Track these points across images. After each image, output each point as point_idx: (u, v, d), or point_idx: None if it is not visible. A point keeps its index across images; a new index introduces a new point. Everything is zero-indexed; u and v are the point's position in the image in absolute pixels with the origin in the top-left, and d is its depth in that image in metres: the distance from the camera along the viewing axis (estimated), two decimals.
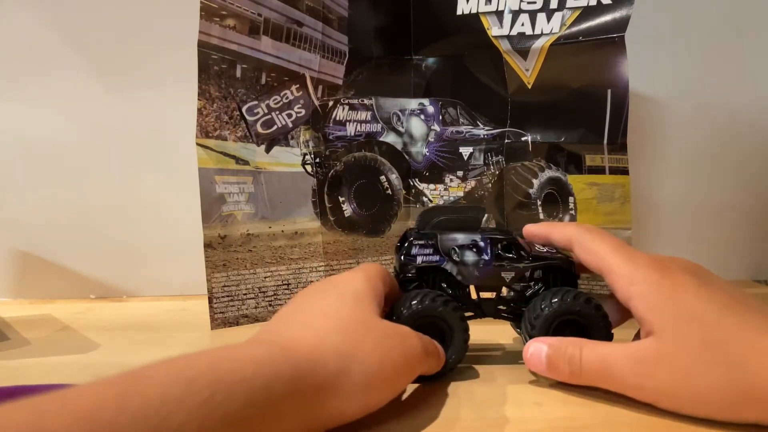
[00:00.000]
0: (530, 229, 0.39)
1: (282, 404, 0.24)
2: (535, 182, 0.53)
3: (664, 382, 0.29)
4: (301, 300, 0.33)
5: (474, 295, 0.39)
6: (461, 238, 0.38)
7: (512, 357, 0.40)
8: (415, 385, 0.35)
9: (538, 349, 0.33)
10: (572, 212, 0.52)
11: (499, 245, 0.38)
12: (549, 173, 0.53)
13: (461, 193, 0.56)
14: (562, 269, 0.38)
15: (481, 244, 0.37)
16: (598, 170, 0.51)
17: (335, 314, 0.30)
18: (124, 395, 0.20)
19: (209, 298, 0.49)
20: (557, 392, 0.34)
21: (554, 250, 0.39)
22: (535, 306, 0.35)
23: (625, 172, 0.50)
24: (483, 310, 0.39)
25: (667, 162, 0.64)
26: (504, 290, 0.39)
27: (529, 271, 0.38)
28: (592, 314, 0.35)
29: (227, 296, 0.50)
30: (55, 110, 0.63)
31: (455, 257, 0.37)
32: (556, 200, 0.53)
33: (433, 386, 0.35)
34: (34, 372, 0.40)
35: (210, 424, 0.21)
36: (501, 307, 0.39)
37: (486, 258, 0.37)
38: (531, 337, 0.35)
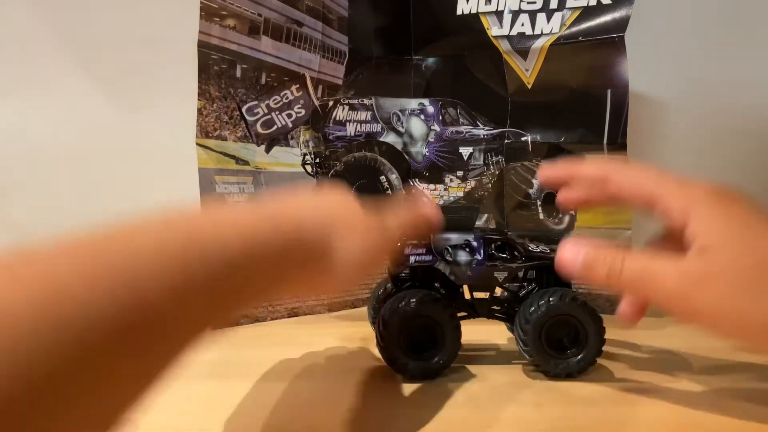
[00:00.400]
0: (548, 171, 0.35)
1: (265, 269, 0.24)
2: (535, 182, 0.53)
3: (710, 294, 0.27)
4: (291, 192, 0.32)
5: (467, 295, 0.39)
6: (454, 237, 0.38)
7: (507, 357, 0.40)
8: (415, 386, 0.35)
9: (576, 246, 0.31)
10: (572, 212, 0.52)
11: (493, 245, 0.38)
12: None
13: (461, 194, 0.56)
14: (555, 268, 0.38)
15: (474, 244, 0.37)
16: None
17: (326, 205, 0.29)
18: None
19: None
20: (557, 392, 0.34)
21: (548, 250, 0.39)
22: (526, 308, 0.35)
23: None
24: (476, 310, 0.39)
25: (667, 162, 0.64)
26: (498, 290, 0.39)
27: (522, 271, 0.38)
28: (582, 314, 0.35)
29: None
30: (55, 111, 0.63)
31: (448, 257, 0.37)
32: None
33: (431, 386, 0.35)
34: None
35: (180, 292, 0.21)
36: (495, 307, 0.39)
37: (479, 258, 0.37)
38: (524, 342, 0.35)
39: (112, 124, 0.63)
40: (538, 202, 0.53)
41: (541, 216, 0.53)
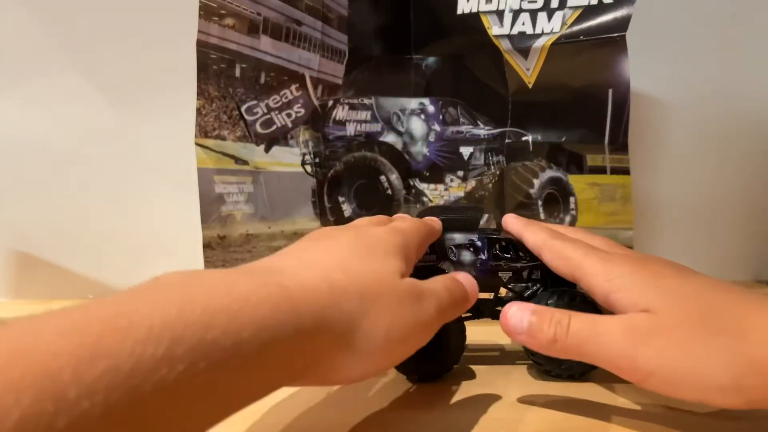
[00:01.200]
0: (508, 223, 0.38)
1: (278, 362, 0.21)
2: (536, 182, 0.53)
3: (660, 351, 0.25)
4: (325, 240, 0.29)
5: None
6: (459, 237, 0.37)
7: (511, 357, 0.40)
8: (417, 387, 0.35)
9: (521, 310, 0.30)
10: (573, 212, 0.52)
11: (497, 245, 0.37)
12: (550, 173, 0.53)
13: (462, 193, 0.56)
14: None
15: (479, 244, 0.37)
16: (600, 170, 0.51)
17: (357, 271, 0.26)
18: (90, 358, 0.16)
19: None
20: (557, 393, 0.34)
21: None
22: None
23: (626, 172, 0.50)
24: (481, 311, 0.38)
25: (668, 162, 0.63)
26: (502, 291, 0.38)
27: (526, 271, 0.37)
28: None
29: None
30: (54, 110, 0.63)
31: (452, 257, 0.37)
32: (557, 200, 0.53)
33: (432, 387, 0.35)
34: None
35: (184, 391, 0.17)
36: (499, 307, 0.39)
37: (483, 258, 0.37)
38: None
39: (110, 124, 0.63)
40: (539, 203, 0.53)
41: (543, 216, 0.53)
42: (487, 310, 0.38)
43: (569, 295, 0.35)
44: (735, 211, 0.64)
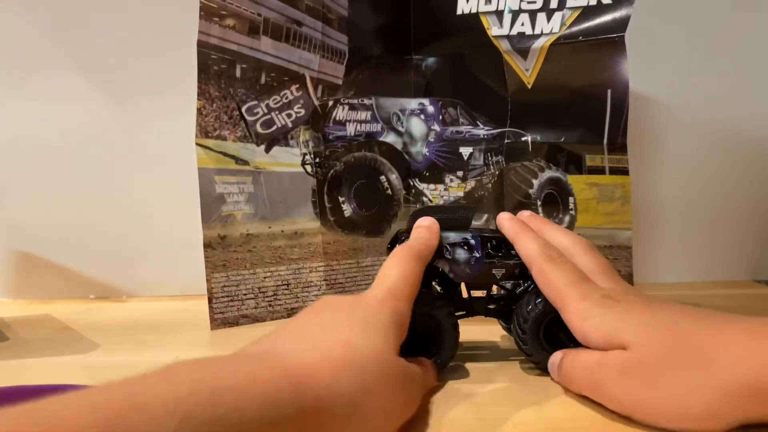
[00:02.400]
0: (503, 225, 0.39)
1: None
2: (535, 182, 0.53)
3: (636, 389, 0.28)
4: (323, 316, 0.31)
5: (465, 294, 0.39)
6: (453, 236, 0.38)
7: (504, 354, 0.41)
8: None
9: (556, 358, 0.34)
10: (572, 212, 0.52)
11: (489, 243, 0.38)
12: (549, 173, 0.53)
13: (461, 194, 0.56)
14: None
15: (473, 242, 0.38)
16: (598, 170, 0.51)
17: (358, 347, 0.28)
18: (112, 424, 0.18)
19: (209, 298, 0.49)
20: (557, 392, 0.34)
21: None
22: (524, 305, 0.36)
23: (625, 172, 0.50)
24: (474, 308, 0.39)
25: (667, 162, 0.64)
26: (494, 288, 0.39)
27: (518, 268, 0.38)
28: None
29: (227, 296, 0.50)
30: (55, 111, 0.63)
31: (447, 255, 0.38)
32: (556, 200, 0.53)
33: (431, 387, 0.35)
34: (34, 372, 0.40)
35: None
36: (491, 305, 0.39)
37: (477, 255, 0.38)
38: (522, 340, 0.36)
39: (111, 125, 0.63)
40: (539, 203, 0.53)
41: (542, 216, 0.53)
42: (480, 308, 0.39)
43: None
44: (733, 212, 0.64)
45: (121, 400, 0.18)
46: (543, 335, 0.36)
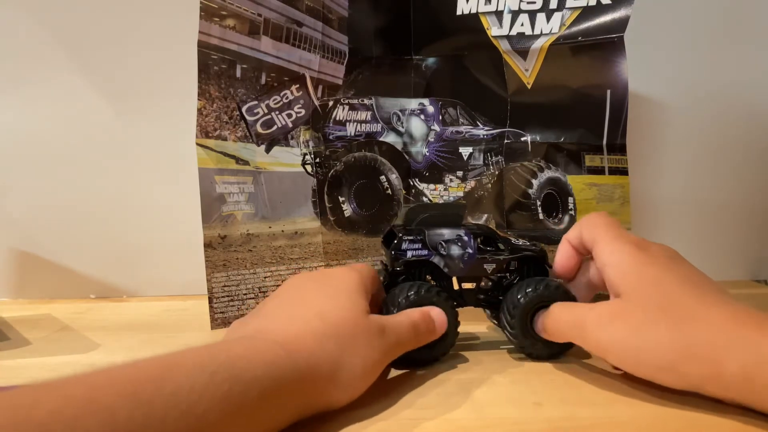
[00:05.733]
0: (560, 262, 0.41)
1: (285, 398, 0.28)
2: (535, 182, 0.53)
3: (615, 334, 0.32)
4: (296, 292, 0.36)
5: (456, 286, 0.42)
6: (447, 233, 0.41)
7: (494, 344, 0.43)
8: (416, 386, 0.35)
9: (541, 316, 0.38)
10: (572, 212, 0.53)
11: (480, 239, 0.41)
12: (548, 173, 0.53)
13: (461, 193, 0.56)
14: (536, 260, 0.41)
15: (466, 238, 0.41)
16: (598, 170, 0.51)
17: (332, 316, 0.32)
18: (160, 379, 0.23)
19: (209, 298, 0.49)
20: (557, 392, 0.34)
21: (528, 243, 0.42)
22: (513, 297, 0.39)
23: (624, 172, 0.50)
24: (465, 300, 0.42)
25: (666, 162, 0.64)
26: (483, 281, 0.42)
27: (507, 262, 0.41)
28: (563, 300, 0.38)
29: (227, 296, 0.50)
30: (56, 111, 0.63)
31: (442, 251, 0.41)
32: (556, 200, 0.53)
33: (431, 387, 0.35)
34: (34, 372, 0.40)
35: (227, 411, 0.25)
36: (480, 296, 0.42)
37: (470, 251, 0.41)
38: (510, 325, 0.39)
39: (112, 124, 0.63)
40: (538, 203, 0.53)
41: (541, 216, 0.53)
42: (471, 299, 0.42)
43: (545, 283, 0.39)
44: (732, 212, 0.64)
45: (160, 364, 0.25)
46: (530, 323, 0.38)
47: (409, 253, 0.40)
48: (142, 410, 0.22)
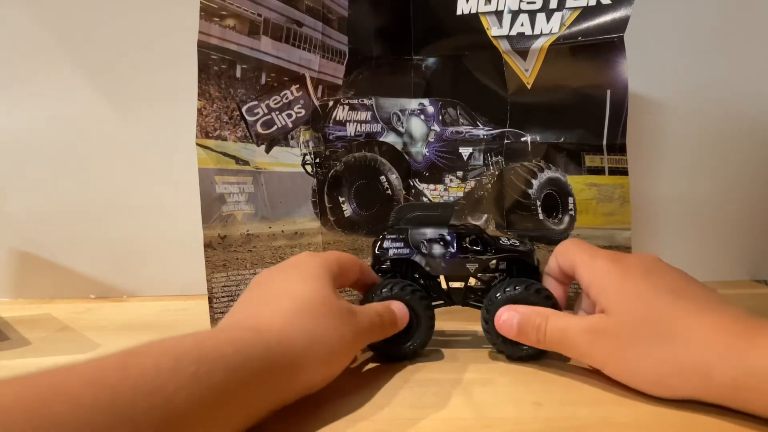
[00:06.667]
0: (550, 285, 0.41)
1: (257, 378, 0.28)
2: (535, 183, 0.53)
3: (606, 351, 0.33)
4: (263, 284, 0.37)
5: (444, 285, 0.42)
6: (430, 232, 0.41)
7: (480, 341, 0.43)
8: (414, 386, 0.35)
9: (510, 316, 0.37)
10: (572, 213, 0.53)
11: (467, 239, 0.41)
12: (548, 174, 0.53)
13: (461, 194, 0.56)
14: (523, 260, 0.41)
15: (448, 237, 0.41)
16: (598, 171, 0.51)
17: (300, 295, 0.33)
18: (125, 365, 0.24)
19: (209, 298, 0.49)
20: (557, 392, 0.34)
21: (517, 243, 0.42)
22: (492, 294, 0.39)
23: (624, 172, 0.50)
24: (452, 299, 0.42)
25: (666, 162, 0.64)
26: (472, 281, 0.42)
27: (492, 262, 0.41)
28: (541, 303, 0.38)
29: (227, 296, 0.50)
30: (56, 111, 0.63)
31: (424, 250, 0.41)
32: (556, 201, 0.53)
33: (431, 387, 0.35)
34: None
35: (196, 391, 0.24)
36: (469, 295, 0.43)
37: (452, 250, 0.41)
38: (485, 320, 0.39)
39: (112, 125, 0.63)
40: (538, 203, 0.53)
41: (541, 216, 0.53)
42: (458, 298, 0.42)
43: (526, 284, 0.38)
44: (732, 212, 0.64)
45: (125, 353, 0.25)
46: None
47: (391, 252, 0.41)
48: (108, 393, 0.22)
